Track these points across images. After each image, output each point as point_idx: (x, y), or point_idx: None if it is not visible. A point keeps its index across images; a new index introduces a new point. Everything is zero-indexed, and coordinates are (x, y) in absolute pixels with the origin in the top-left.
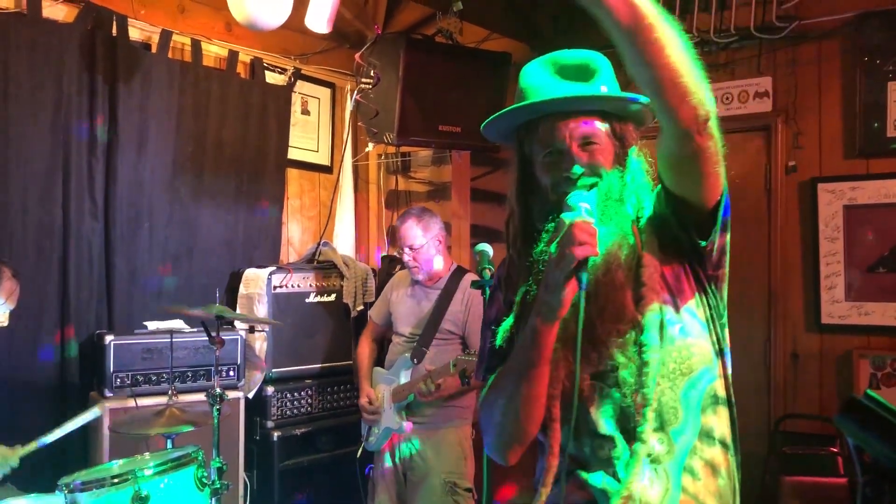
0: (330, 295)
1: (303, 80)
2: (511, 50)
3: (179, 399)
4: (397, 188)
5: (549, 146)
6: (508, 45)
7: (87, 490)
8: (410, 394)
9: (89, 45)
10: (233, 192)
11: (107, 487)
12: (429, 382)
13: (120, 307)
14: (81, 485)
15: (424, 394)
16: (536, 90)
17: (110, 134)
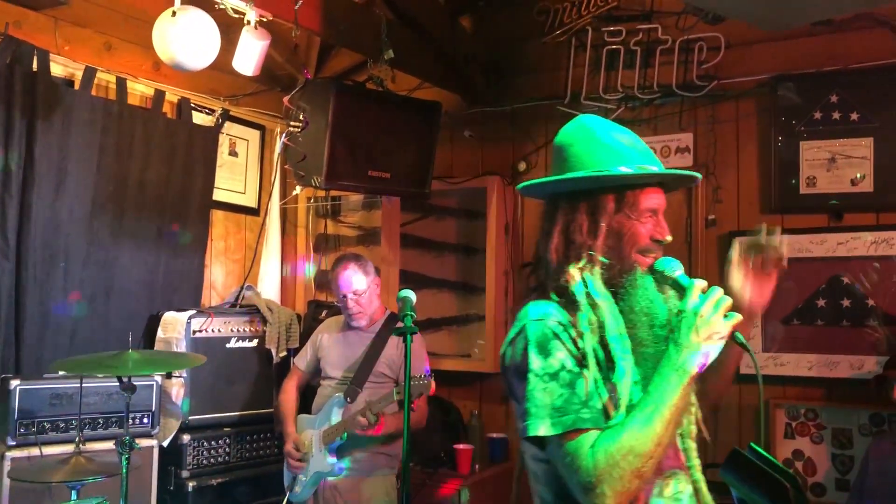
0: (252, 340)
1: (231, 122)
2: (442, 99)
3: (88, 447)
4: (326, 232)
5: (651, 210)
6: (439, 95)
7: None
8: (344, 433)
9: (7, 80)
10: (154, 234)
11: None
12: (369, 414)
13: (29, 350)
14: None
15: (365, 427)
16: (645, 154)
17: (26, 171)
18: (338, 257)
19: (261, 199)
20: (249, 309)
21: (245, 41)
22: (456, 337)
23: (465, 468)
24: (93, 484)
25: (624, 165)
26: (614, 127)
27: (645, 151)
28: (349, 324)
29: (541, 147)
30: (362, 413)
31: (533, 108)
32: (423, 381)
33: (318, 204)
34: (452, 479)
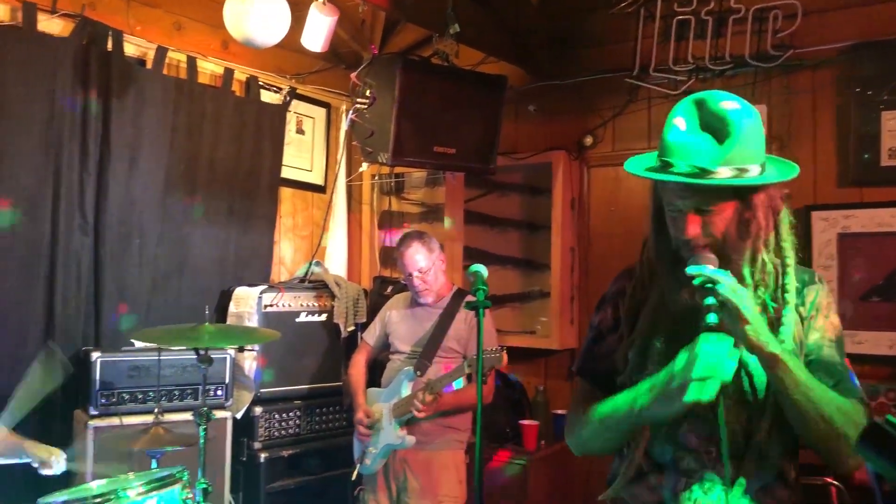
0: (321, 315)
1: (298, 100)
2: (507, 73)
3: (165, 418)
4: (390, 209)
5: (671, 205)
6: (504, 68)
7: None
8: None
9: (83, 60)
10: (225, 211)
11: None
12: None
13: (107, 324)
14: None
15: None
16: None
17: (102, 150)
18: (402, 235)
19: (326, 176)
20: (318, 284)
21: (313, 17)
22: (519, 313)
23: (531, 444)
24: (170, 453)
25: (653, 162)
26: (682, 108)
27: (690, 141)
28: (416, 300)
29: (607, 121)
30: (421, 392)
31: (599, 80)
32: (495, 353)
33: (382, 181)
34: (518, 455)
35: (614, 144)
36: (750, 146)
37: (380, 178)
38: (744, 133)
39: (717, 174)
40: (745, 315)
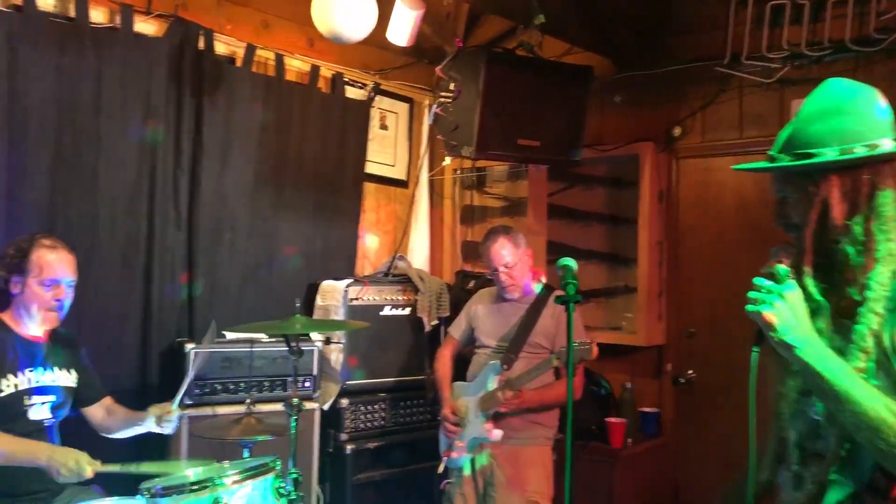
0: (404, 308)
1: (382, 95)
2: (592, 63)
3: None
4: (472, 203)
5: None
6: (590, 59)
7: (168, 496)
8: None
9: (177, 59)
10: (311, 206)
11: (186, 494)
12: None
13: (200, 316)
14: (162, 490)
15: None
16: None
17: (195, 146)
18: (488, 231)
19: (409, 171)
20: (401, 278)
21: (399, 11)
22: (604, 309)
23: (618, 442)
24: (260, 443)
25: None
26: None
27: (785, 131)
28: (502, 295)
29: (697, 111)
30: (500, 390)
31: (689, 70)
32: (585, 345)
33: (463, 175)
34: (604, 452)
35: (704, 135)
36: (816, 127)
37: (462, 172)
38: (809, 114)
39: (777, 160)
40: (768, 316)
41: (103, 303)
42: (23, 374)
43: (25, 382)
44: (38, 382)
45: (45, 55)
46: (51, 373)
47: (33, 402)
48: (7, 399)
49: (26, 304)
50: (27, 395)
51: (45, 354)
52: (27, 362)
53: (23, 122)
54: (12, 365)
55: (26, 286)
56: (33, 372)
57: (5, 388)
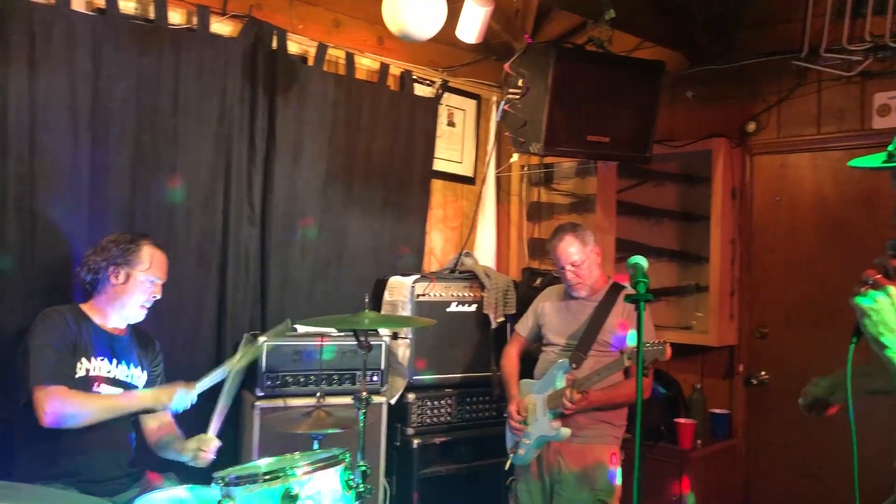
0: (471, 305)
1: (449, 92)
2: (664, 58)
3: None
4: (539, 200)
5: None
6: (661, 53)
7: (241, 485)
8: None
9: (251, 59)
10: (380, 202)
11: (259, 483)
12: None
13: (272, 310)
14: (235, 479)
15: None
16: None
17: (268, 144)
18: (555, 228)
19: (476, 168)
20: (468, 275)
21: (469, 8)
22: (675, 308)
23: (687, 443)
24: (330, 435)
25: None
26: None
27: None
28: (570, 293)
29: (772, 106)
30: (567, 390)
31: (763, 63)
32: (657, 346)
33: (531, 172)
34: (673, 453)
35: (780, 131)
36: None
37: (529, 168)
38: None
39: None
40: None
41: (180, 296)
42: (96, 361)
43: (96, 370)
44: (108, 373)
45: (126, 56)
46: (124, 368)
47: (102, 390)
48: (79, 381)
49: (123, 295)
50: (97, 382)
51: (121, 349)
52: (101, 352)
53: (105, 122)
54: (86, 349)
55: (131, 277)
56: (105, 361)
57: (78, 371)
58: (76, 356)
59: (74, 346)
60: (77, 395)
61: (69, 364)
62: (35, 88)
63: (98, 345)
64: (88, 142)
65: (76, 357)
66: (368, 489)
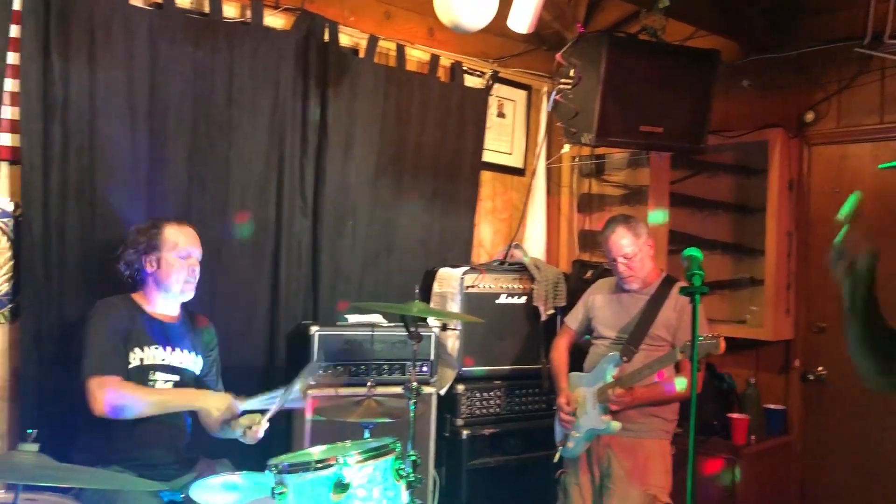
0: (520, 297)
1: (500, 83)
2: (719, 47)
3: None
4: (590, 191)
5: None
6: (716, 42)
7: (294, 472)
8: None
9: (303, 52)
10: (429, 194)
11: (311, 471)
12: (615, 391)
13: (324, 300)
14: (288, 466)
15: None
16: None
17: (320, 136)
18: (608, 220)
19: (526, 159)
20: (517, 267)
21: None
22: (728, 301)
23: (740, 439)
24: (380, 425)
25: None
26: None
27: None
28: (621, 286)
29: (832, 95)
30: (611, 387)
31: (823, 51)
32: (711, 339)
33: (582, 163)
34: (726, 449)
35: (840, 120)
36: None
37: (580, 159)
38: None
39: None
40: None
41: (234, 286)
42: (150, 349)
43: (151, 358)
44: (163, 360)
45: (182, 49)
46: (178, 354)
47: (157, 377)
48: (133, 371)
49: (163, 279)
50: (152, 370)
51: (175, 335)
52: (155, 340)
53: (162, 114)
54: (139, 339)
55: (162, 260)
56: (159, 349)
57: (132, 361)
58: (129, 346)
59: (127, 337)
60: (132, 387)
61: (122, 354)
62: (95, 81)
63: (151, 333)
64: (146, 134)
65: (129, 347)
66: (418, 479)
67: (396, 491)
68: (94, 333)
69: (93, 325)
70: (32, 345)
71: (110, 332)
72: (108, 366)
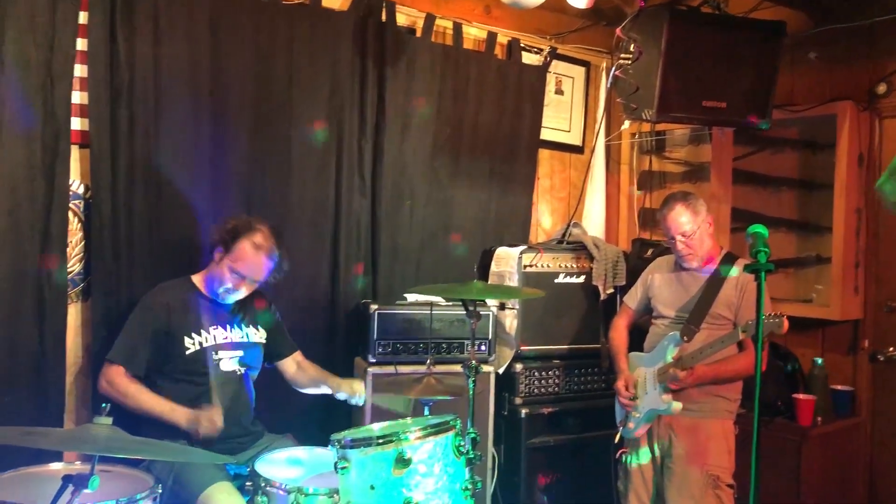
0: (579, 276)
1: (557, 60)
2: (785, 18)
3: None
4: (650, 169)
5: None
6: (782, 14)
7: (356, 447)
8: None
9: (361, 32)
10: (486, 173)
11: (373, 447)
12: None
13: (383, 279)
14: (351, 442)
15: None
16: None
17: (378, 116)
18: (666, 197)
19: (585, 136)
20: (576, 245)
21: None
22: (793, 280)
23: (806, 420)
24: (440, 402)
25: None
26: None
27: None
28: (681, 264)
29: None
30: (672, 367)
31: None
32: (774, 319)
33: (642, 140)
34: (791, 430)
35: None
36: None
37: (640, 136)
38: None
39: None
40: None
41: (295, 265)
42: (208, 332)
43: (211, 339)
44: (225, 339)
45: (243, 33)
46: (238, 330)
47: (221, 356)
48: (192, 356)
49: (215, 274)
50: (214, 350)
51: (233, 313)
52: (214, 321)
53: (224, 97)
54: (197, 324)
55: (223, 262)
56: (219, 329)
57: (190, 346)
58: (185, 332)
59: (178, 325)
60: (126, 384)
61: (147, 347)
62: (159, 65)
63: (211, 315)
64: (209, 116)
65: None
66: (478, 456)
67: (457, 467)
68: (129, 322)
69: (134, 314)
70: (102, 323)
71: (142, 327)
72: (121, 356)
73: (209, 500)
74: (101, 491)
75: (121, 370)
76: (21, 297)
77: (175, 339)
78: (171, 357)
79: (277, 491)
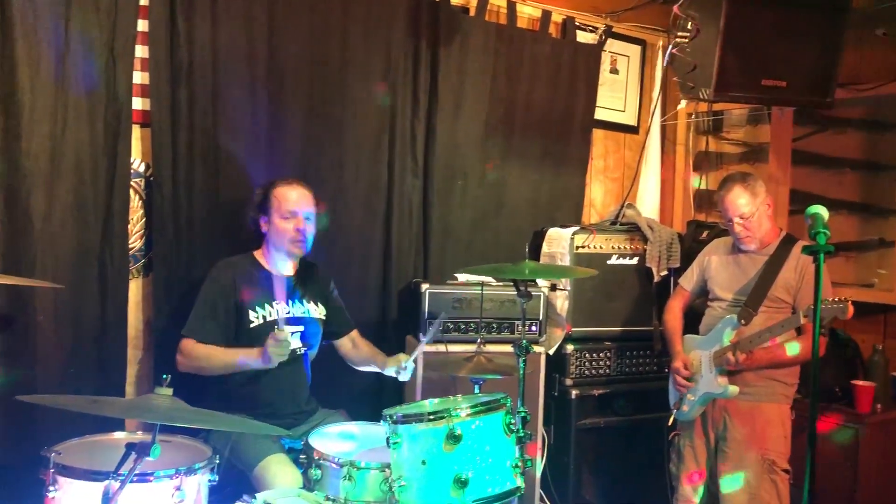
0: (632, 258)
1: (613, 38)
2: None
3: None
4: (707, 149)
5: None
6: None
7: (407, 423)
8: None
9: (414, 12)
10: (539, 153)
11: (424, 423)
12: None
13: (434, 258)
14: (403, 417)
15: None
16: None
17: (430, 97)
18: (724, 178)
19: (640, 116)
20: (630, 227)
21: None
22: (854, 264)
23: (865, 407)
24: (490, 381)
25: None
26: None
27: None
28: (738, 246)
29: None
30: (731, 350)
31: None
32: (838, 303)
33: (698, 120)
34: (848, 416)
35: None
36: None
37: (696, 116)
38: None
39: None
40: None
41: (348, 244)
42: (271, 306)
43: (272, 314)
44: (287, 314)
45: (299, 13)
46: (300, 305)
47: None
48: (256, 329)
49: (274, 239)
50: (277, 325)
51: (295, 287)
52: (277, 296)
53: (279, 77)
54: (261, 298)
55: (272, 223)
56: (282, 304)
57: (255, 320)
58: (249, 305)
59: (243, 297)
60: (199, 349)
61: (218, 320)
62: (217, 46)
63: (272, 289)
64: (265, 95)
65: (249, 306)
66: (528, 435)
67: (506, 445)
68: (201, 296)
69: (204, 287)
70: (163, 297)
71: (212, 299)
72: (193, 331)
73: (265, 471)
74: (162, 460)
75: (190, 342)
76: (85, 273)
77: (242, 312)
78: (237, 330)
79: (330, 464)
